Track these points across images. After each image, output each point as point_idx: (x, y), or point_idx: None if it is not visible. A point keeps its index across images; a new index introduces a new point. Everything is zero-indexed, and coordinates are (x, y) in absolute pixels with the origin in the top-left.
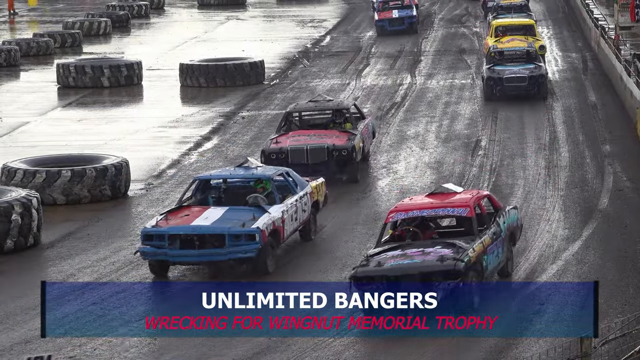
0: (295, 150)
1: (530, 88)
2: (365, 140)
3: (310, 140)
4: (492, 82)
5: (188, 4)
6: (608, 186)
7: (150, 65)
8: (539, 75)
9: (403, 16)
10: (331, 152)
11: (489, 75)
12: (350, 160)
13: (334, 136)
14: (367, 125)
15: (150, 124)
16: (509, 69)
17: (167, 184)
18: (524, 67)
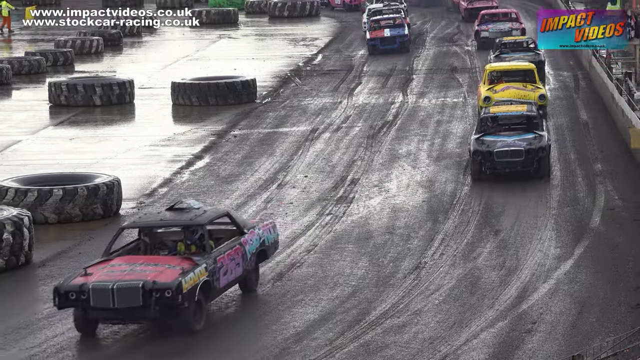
0: (99, 290)
1: (527, 164)
2: (229, 269)
3: (124, 274)
4: (480, 157)
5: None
6: (600, 205)
7: (142, 84)
8: (538, 149)
9: (395, 35)
10: (148, 293)
11: (476, 149)
12: (177, 306)
13: (165, 266)
14: (239, 245)
15: (142, 142)
16: (501, 140)
17: (158, 203)
18: (521, 138)
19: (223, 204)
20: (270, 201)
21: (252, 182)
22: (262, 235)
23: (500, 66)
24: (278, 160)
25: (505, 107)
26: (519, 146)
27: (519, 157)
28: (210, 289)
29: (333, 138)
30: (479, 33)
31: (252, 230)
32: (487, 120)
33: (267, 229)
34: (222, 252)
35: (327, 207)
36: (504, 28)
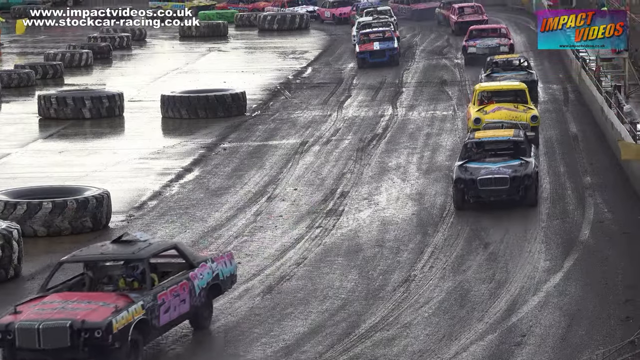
0: (24, 330)
1: (513, 193)
2: (172, 306)
3: (54, 312)
4: (463, 185)
5: (170, 35)
6: (589, 218)
7: (132, 97)
8: (524, 176)
9: (384, 48)
10: (77, 333)
11: (459, 176)
12: (107, 347)
13: (99, 304)
14: (186, 280)
15: (131, 155)
16: (485, 167)
17: (148, 216)
18: (506, 165)
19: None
20: (259, 214)
21: (242, 195)
22: (215, 269)
23: (491, 86)
24: (268, 173)
25: (491, 132)
26: (503, 173)
27: (504, 185)
28: (148, 328)
29: (323, 151)
30: (466, 49)
31: (203, 263)
32: (471, 146)
33: (223, 261)
34: (165, 288)
35: (316, 220)
36: (492, 44)
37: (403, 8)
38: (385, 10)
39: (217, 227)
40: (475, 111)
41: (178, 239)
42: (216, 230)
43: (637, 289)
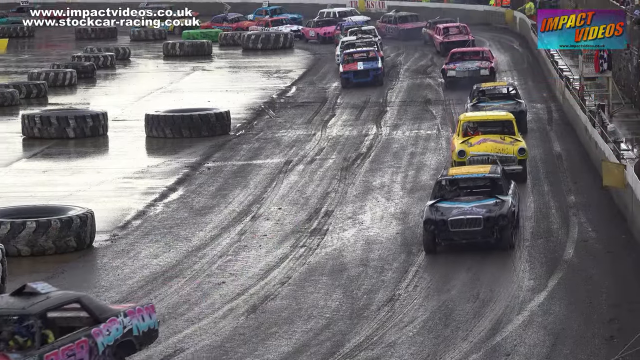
0: None
1: (487, 234)
2: None
3: None
4: (433, 227)
5: (154, 54)
6: (573, 237)
7: (116, 116)
8: (498, 216)
9: (368, 68)
10: None
11: (429, 217)
12: None
13: None
14: (85, 338)
15: (115, 174)
16: (457, 207)
17: (132, 235)
18: (480, 204)
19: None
20: (244, 233)
21: (226, 214)
22: (127, 324)
23: (476, 116)
24: (252, 192)
25: (465, 169)
26: (476, 214)
27: (477, 226)
28: None
29: (307, 170)
30: (445, 72)
31: (113, 318)
32: (444, 184)
33: (139, 315)
34: (56, 347)
35: (301, 239)
36: (472, 67)
37: (391, 28)
38: (369, 30)
39: (201, 246)
40: (459, 143)
41: (85, 293)
42: (200, 249)
43: (621, 308)
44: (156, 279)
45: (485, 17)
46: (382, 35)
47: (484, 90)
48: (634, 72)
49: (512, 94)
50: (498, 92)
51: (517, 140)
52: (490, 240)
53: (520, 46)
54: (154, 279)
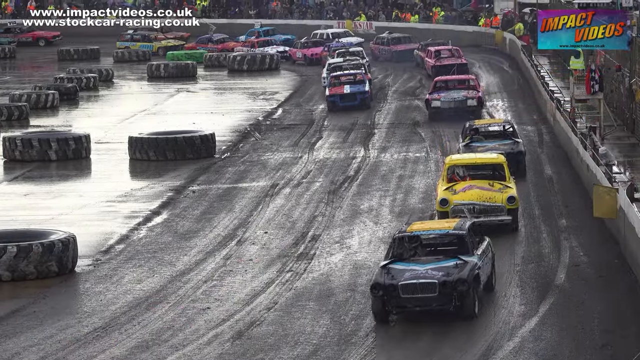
0: None
1: (444, 302)
2: None
3: None
4: (382, 292)
5: (138, 76)
6: (565, 261)
7: (99, 139)
8: (457, 281)
9: (355, 92)
10: None
11: (377, 281)
12: None
13: None
14: None
15: (98, 198)
16: (411, 270)
17: (115, 260)
18: (437, 267)
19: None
20: (229, 258)
21: (211, 238)
22: None
23: (462, 159)
24: (237, 216)
25: (428, 224)
26: (431, 278)
27: (431, 292)
28: None
29: (293, 193)
30: (429, 102)
31: None
32: (402, 241)
33: None
34: None
35: (287, 263)
36: (458, 97)
37: (383, 49)
38: (357, 52)
39: (186, 271)
40: (442, 190)
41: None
42: (185, 274)
43: (614, 334)
44: (140, 305)
45: (475, 38)
46: (374, 57)
47: (478, 129)
48: (625, 93)
49: (508, 133)
50: (493, 131)
51: (507, 187)
52: (448, 308)
53: (510, 67)
54: (137, 305)
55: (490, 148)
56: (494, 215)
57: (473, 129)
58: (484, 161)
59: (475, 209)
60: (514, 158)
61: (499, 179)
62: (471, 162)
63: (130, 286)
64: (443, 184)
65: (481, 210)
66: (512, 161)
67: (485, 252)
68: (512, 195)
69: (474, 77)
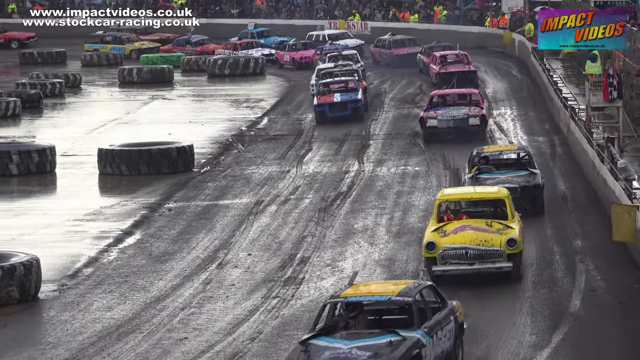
0: None
1: None
2: None
3: None
4: None
5: (108, 81)
6: (580, 286)
7: (65, 151)
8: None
9: (346, 100)
10: None
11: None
12: None
13: None
14: None
15: (64, 217)
16: (333, 348)
17: (83, 285)
18: (366, 344)
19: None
20: (209, 283)
21: (189, 261)
22: None
23: (456, 194)
24: (218, 236)
25: (369, 288)
26: (355, 358)
27: None
28: None
29: (280, 211)
30: (424, 121)
31: None
32: (334, 308)
33: None
34: None
35: (273, 289)
36: (458, 114)
37: (384, 53)
38: (350, 55)
39: (161, 297)
40: (430, 231)
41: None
42: (160, 301)
43: None
44: (110, 335)
45: (481, 39)
46: (375, 61)
47: (487, 157)
48: None
49: (524, 162)
50: (506, 159)
51: (509, 228)
52: None
53: (520, 72)
54: (107, 335)
55: (502, 181)
56: (490, 261)
57: (482, 158)
58: (482, 196)
59: (469, 255)
60: (530, 193)
61: (500, 217)
62: (466, 197)
63: (100, 314)
64: (433, 223)
65: (475, 256)
66: (527, 196)
67: (441, 324)
68: (512, 238)
69: (477, 92)
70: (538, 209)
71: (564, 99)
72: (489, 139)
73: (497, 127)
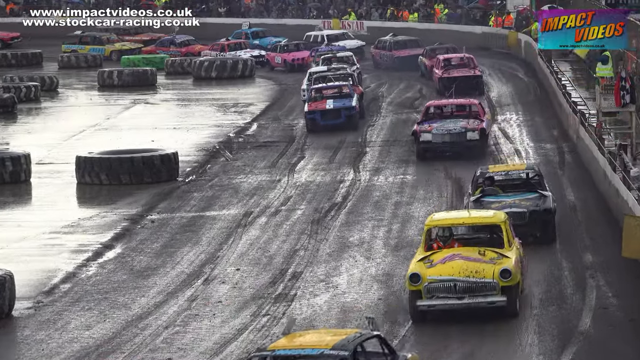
0: None
1: None
2: None
3: None
4: None
5: (87, 84)
6: (590, 303)
7: (41, 159)
8: None
9: (339, 107)
10: None
11: None
12: None
13: None
14: None
15: (40, 229)
16: None
17: (60, 302)
18: None
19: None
20: (195, 300)
21: (174, 276)
22: None
23: (446, 219)
24: (204, 250)
25: (300, 340)
26: None
27: None
28: None
29: (271, 223)
30: (418, 135)
31: None
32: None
33: None
34: None
35: (263, 306)
36: (454, 128)
37: (385, 55)
38: (346, 57)
39: (144, 315)
40: (416, 261)
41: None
42: (142, 319)
43: None
44: (89, 355)
45: (484, 40)
46: (376, 64)
47: (493, 177)
48: None
49: (533, 182)
50: (514, 179)
51: (504, 257)
52: None
53: (526, 75)
54: (86, 355)
55: (509, 205)
56: (482, 295)
57: (486, 178)
58: (475, 221)
59: (457, 287)
60: (539, 218)
61: (496, 244)
62: (458, 222)
63: (78, 333)
64: (420, 252)
65: (465, 289)
66: (537, 222)
67: None
68: (506, 268)
69: (477, 102)
70: (549, 236)
71: (573, 103)
72: (493, 146)
73: (502, 134)
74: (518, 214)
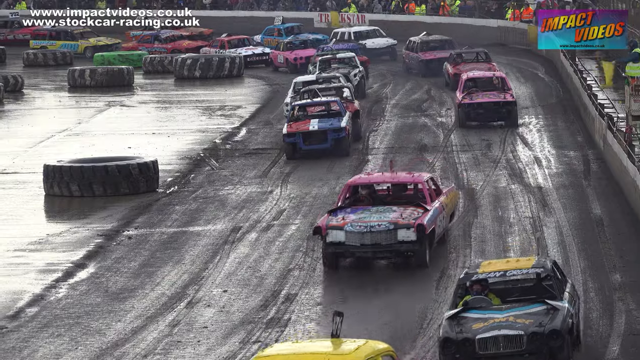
0: None
1: None
2: None
3: None
4: None
5: (55, 85)
6: (619, 329)
7: (4, 168)
8: None
9: (325, 128)
10: None
11: None
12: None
13: None
14: None
15: (3, 246)
16: None
17: (26, 328)
18: None
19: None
20: (177, 325)
21: (153, 299)
22: None
23: None
24: (188, 269)
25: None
26: None
27: None
28: None
29: (262, 240)
30: (323, 234)
31: None
32: None
33: None
34: None
35: (253, 332)
36: (379, 224)
37: (412, 57)
38: (347, 59)
39: (120, 342)
40: None
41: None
42: (118, 346)
43: None
44: None
45: (500, 35)
46: (407, 68)
47: (486, 280)
48: None
49: (545, 286)
50: (516, 281)
51: None
52: None
53: (547, 74)
54: None
55: (498, 325)
56: None
57: (475, 282)
58: None
59: None
60: (542, 344)
61: None
62: None
63: None
64: None
65: None
66: (539, 350)
67: None
68: None
69: (426, 179)
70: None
71: (599, 105)
72: (510, 153)
73: (521, 140)
74: (512, 339)
